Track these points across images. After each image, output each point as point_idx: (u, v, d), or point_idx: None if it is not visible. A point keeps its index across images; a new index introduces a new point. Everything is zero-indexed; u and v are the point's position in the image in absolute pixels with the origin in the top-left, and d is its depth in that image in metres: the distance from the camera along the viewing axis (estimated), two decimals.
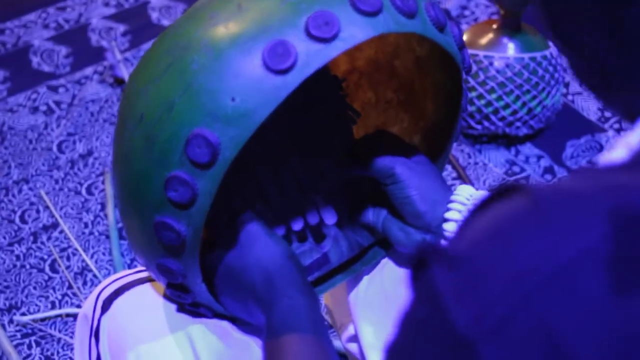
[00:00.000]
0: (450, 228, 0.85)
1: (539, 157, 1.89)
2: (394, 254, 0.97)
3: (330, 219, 0.95)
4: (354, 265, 0.98)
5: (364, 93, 1.03)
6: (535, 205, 0.44)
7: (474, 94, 1.84)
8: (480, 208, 0.48)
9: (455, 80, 0.88)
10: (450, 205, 0.86)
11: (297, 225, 0.94)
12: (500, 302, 0.43)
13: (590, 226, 0.42)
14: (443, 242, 0.86)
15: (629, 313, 0.41)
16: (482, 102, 1.84)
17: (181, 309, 0.89)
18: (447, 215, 0.85)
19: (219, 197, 0.91)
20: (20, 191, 1.87)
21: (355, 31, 0.72)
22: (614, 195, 0.43)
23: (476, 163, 1.89)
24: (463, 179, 1.84)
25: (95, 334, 0.91)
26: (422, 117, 0.98)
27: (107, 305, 0.92)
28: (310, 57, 0.70)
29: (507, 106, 1.83)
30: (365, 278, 0.98)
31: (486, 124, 1.86)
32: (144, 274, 0.94)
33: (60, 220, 1.79)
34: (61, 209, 1.82)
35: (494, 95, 1.83)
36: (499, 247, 0.44)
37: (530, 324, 0.42)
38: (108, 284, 0.94)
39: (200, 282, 0.82)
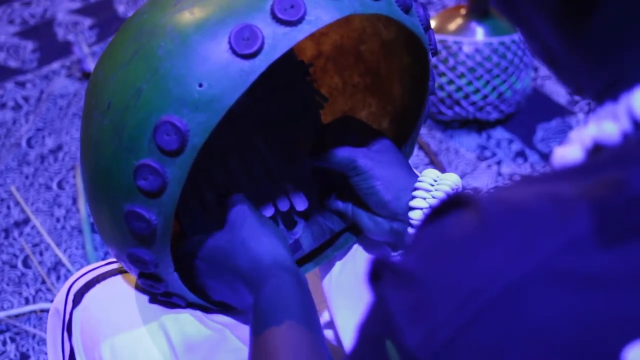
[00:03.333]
0: (415, 216, 0.85)
1: (510, 141, 1.90)
2: (364, 240, 0.97)
3: (300, 205, 0.95)
4: (326, 251, 0.98)
5: (330, 78, 1.02)
6: (481, 222, 0.43)
7: (444, 79, 1.84)
8: (430, 219, 0.47)
9: (422, 63, 0.88)
10: (415, 193, 0.85)
11: (268, 212, 0.93)
12: (448, 323, 0.42)
13: (538, 242, 0.42)
14: (410, 230, 0.86)
15: (579, 313, 0.41)
16: (453, 87, 1.84)
17: (154, 299, 0.89)
18: (412, 203, 0.85)
19: (189, 188, 0.90)
20: None
21: (321, 13, 0.72)
22: (560, 206, 0.42)
23: (448, 149, 1.89)
24: (435, 164, 1.84)
25: (68, 328, 0.90)
26: (390, 101, 0.98)
27: (78, 298, 0.91)
28: (277, 40, 0.70)
29: (477, 91, 1.83)
30: (338, 263, 0.98)
31: (457, 109, 1.87)
32: (115, 266, 0.94)
33: (31, 216, 1.77)
34: (32, 204, 1.81)
35: (464, 80, 1.83)
36: (446, 267, 0.44)
37: (478, 345, 0.42)
38: (78, 277, 0.93)
39: (172, 271, 0.81)
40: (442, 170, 1.82)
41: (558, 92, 2.01)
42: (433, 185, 0.85)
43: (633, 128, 0.45)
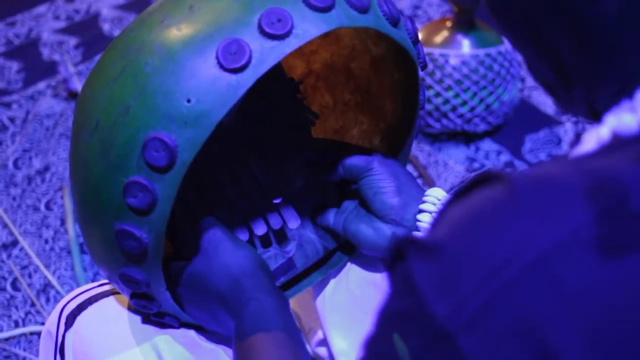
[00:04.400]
0: (424, 219, 0.85)
1: (499, 153, 1.90)
2: (358, 258, 0.96)
3: (293, 222, 0.94)
4: (320, 269, 0.97)
5: (321, 96, 1.02)
6: (512, 193, 0.44)
7: (431, 92, 1.84)
8: (458, 196, 0.47)
9: (412, 78, 0.87)
10: (425, 199, 0.86)
11: (260, 230, 0.93)
12: (479, 292, 0.42)
13: (570, 211, 0.42)
14: (416, 234, 0.86)
15: (620, 280, 0.41)
16: (440, 100, 1.84)
17: (146, 319, 0.88)
18: (422, 206, 0.85)
19: (181, 207, 0.90)
20: None
21: (308, 27, 0.71)
22: (591, 177, 0.43)
23: (436, 161, 1.89)
24: (424, 177, 1.84)
25: (60, 350, 0.90)
26: (382, 117, 0.98)
27: (70, 320, 0.90)
28: (265, 54, 0.70)
29: (464, 103, 1.84)
30: (332, 281, 0.97)
31: (444, 121, 1.87)
32: (107, 287, 0.93)
33: (19, 238, 1.76)
34: (20, 226, 1.80)
35: (451, 93, 1.83)
36: (477, 236, 0.43)
37: (511, 314, 0.41)
38: (71, 299, 0.92)
39: (164, 290, 0.81)
40: (432, 183, 1.82)
41: (545, 102, 2.02)
42: (440, 200, 0.85)
43: None
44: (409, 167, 1.87)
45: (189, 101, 0.69)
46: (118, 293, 0.91)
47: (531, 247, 0.42)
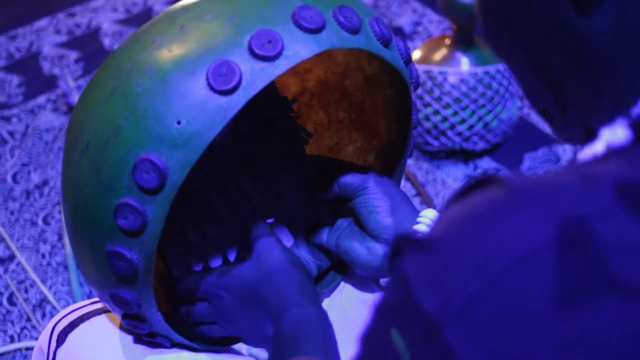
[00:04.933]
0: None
1: (497, 171, 1.90)
2: (351, 277, 0.96)
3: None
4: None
5: (315, 114, 1.02)
6: (507, 194, 0.45)
7: (429, 110, 1.84)
8: (456, 198, 0.48)
9: (406, 96, 0.88)
10: (419, 219, 0.86)
11: None
12: (467, 286, 0.43)
13: (559, 212, 0.43)
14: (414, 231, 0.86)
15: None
16: (438, 118, 1.84)
17: (138, 339, 0.88)
18: (416, 227, 0.85)
19: (172, 225, 0.89)
20: None
21: (299, 48, 0.71)
22: (585, 181, 0.44)
23: (435, 179, 1.89)
24: (422, 195, 1.84)
25: None
26: (376, 135, 0.98)
27: (62, 338, 0.90)
28: (255, 76, 0.70)
29: (463, 121, 1.83)
30: (325, 300, 0.97)
31: (443, 139, 1.87)
32: (100, 305, 0.93)
33: (16, 252, 1.76)
34: (18, 240, 1.80)
35: (449, 111, 1.83)
36: (469, 233, 0.45)
37: (494, 309, 0.42)
38: (63, 316, 0.92)
39: (156, 311, 0.81)
40: (429, 201, 1.82)
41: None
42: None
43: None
44: (407, 185, 1.87)
45: (179, 123, 0.69)
46: (110, 311, 0.91)
47: (518, 244, 0.43)
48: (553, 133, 0.60)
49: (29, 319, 1.64)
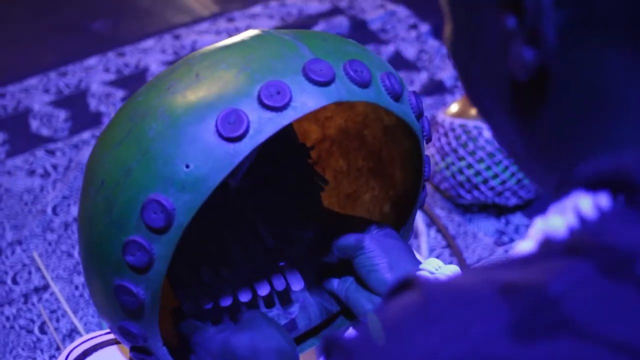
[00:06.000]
0: None
1: (529, 227, 1.89)
2: (360, 323, 0.98)
3: (296, 285, 0.96)
4: (324, 331, 0.99)
5: (335, 161, 1.04)
6: (423, 303, 0.44)
7: (463, 163, 1.86)
8: (387, 299, 0.48)
9: (419, 149, 0.90)
10: (420, 272, 0.87)
11: (264, 291, 0.95)
12: None
13: (470, 329, 0.42)
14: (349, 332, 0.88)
15: None
16: (472, 171, 1.85)
17: None
18: None
19: (185, 263, 0.92)
20: (13, 252, 1.88)
21: (306, 100, 0.74)
22: (495, 295, 0.43)
23: (466, 232, 1.89)
24: (452, 248, 1.85)
25: None
26: (392, 185, 1.00)
27: None
28: (263, 124, 0.72)
29: (496, 176, 1.84)
30: None
31: (476, 193, 1.87)
32: (112, 336, 0.96)
33: (51, 282, 1.80)
34: (53, 270, 1.84)
35: (482, 165, 1.84)
36: (384, 345, 0.44)
37: None
38: (78, 344, 0.95)
39: (161, 346, 0.83)
40: (459, 254, 1.83)
41: None
42: (434, 273, 0.86)
43: (579, 224, 0.45)
44: (438, 236, 1.88)
45: (187, 166, 0.72)
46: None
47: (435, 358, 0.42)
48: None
49: (58, 348, 1.67)
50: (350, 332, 0.82)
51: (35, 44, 2.62)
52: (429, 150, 1.92)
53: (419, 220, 1.90)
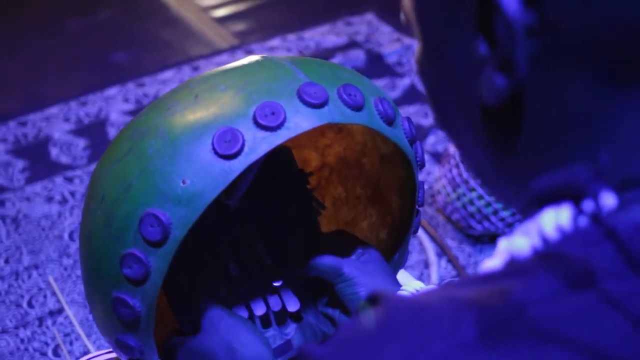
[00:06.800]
0: None
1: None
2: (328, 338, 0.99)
3: (292, 306, 0.98)
4: None
5: (334, 188, 1.07)
6: (385, 320, 0.45)
7: (474, 194, 1.88)
8: (353, 315, 0.50)
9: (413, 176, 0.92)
10: (401, 293, 0.88)
11: (259, 310, 0.97)
12: None
13: (430, 346, 0.43)
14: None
15: None
16: (482, 202, 1.87)
17: None
18: None
19: (184, 283, 0.94)
20: (30, 277, 1.92)
21: (300, 121, 0.76)
22: (455, 312, 0.44)
23: (476, 263, 1.91)
24: (462, 277, 1.86)
25: None
26: (389, 212, 1.02)
27: None
28: (257, 143, 0.75)
29: (506, 207, 1.86)
30: None
31: (486, 224, 1.89)
32: (114, 355, 0.98)
33: (65, 306, 1.83)
34: (68, 295, 1.87)
35: (493, 197, 1.86)
36: (347, 357, 0.46)
37: None
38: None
39: (157, 359, 0.85)
40: None
41: None
42: (417, 291, 0.88)
43: (542, 244, 0.47)
44: (449, 266, 1.89)
45: (184, 182, 0.75)
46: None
47: None
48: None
49: None
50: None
51: (57, 74, 2.67)
52: (441, 182, 1.94)
53: (430, 250, 1.92)
